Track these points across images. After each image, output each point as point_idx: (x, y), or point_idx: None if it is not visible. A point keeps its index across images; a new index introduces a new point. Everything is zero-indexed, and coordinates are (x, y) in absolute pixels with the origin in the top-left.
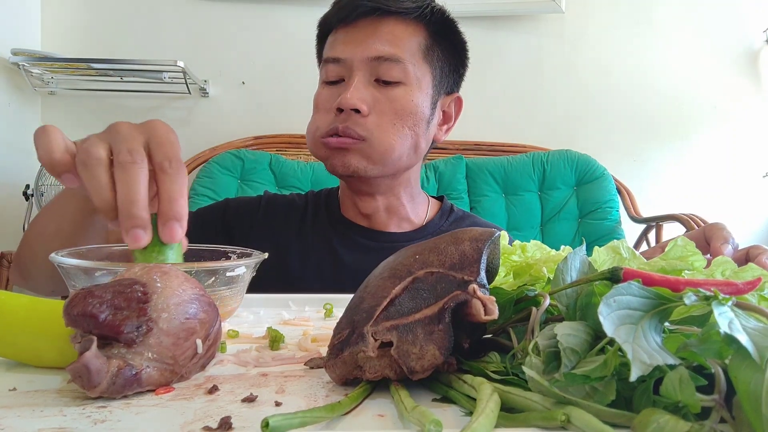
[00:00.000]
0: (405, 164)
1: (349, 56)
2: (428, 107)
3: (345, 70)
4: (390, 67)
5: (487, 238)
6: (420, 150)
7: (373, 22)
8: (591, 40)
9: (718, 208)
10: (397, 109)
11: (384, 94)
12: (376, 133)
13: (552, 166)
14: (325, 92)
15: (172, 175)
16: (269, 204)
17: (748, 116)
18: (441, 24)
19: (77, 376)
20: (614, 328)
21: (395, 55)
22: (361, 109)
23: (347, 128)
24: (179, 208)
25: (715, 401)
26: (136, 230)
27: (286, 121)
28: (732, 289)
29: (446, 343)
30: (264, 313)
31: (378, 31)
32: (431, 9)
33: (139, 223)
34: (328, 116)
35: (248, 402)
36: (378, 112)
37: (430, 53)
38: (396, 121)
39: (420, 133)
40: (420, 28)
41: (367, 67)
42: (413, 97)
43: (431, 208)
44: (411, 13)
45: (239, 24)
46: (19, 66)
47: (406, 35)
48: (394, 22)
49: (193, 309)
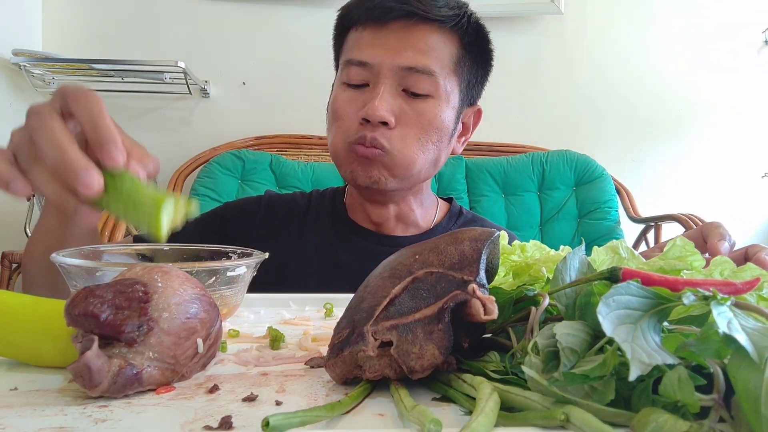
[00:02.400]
0: (423, 177)
1: (378, 62)
2: (453, 121)
3: (371, 75)
4: (420, 79)
5: (486, 238)
6: (439, 164)
7: (407, 27)
8: (590, 40)
9: (718, 208)
10: (423, 124)
11: (411, 107)
12: (399, 146)
13: (551, 166)
14: (347, 96)
15: (82, 100)
16: (270, 205)
17: (747, 116)
18: (474, 34)
19: (78, 376)
20: (613, 328)
21: (428, 68)
22: (389, 121)
23: (375, 139)
24: (105, 129)
25: (713, 401)
26: (81, 174)
27: (286, 122)
28: (731, 289)
29: (446, 343)
30: (264, 312)
31: (411, 38)
32: (468, 18)
33: (79, 164)
34: (353, 122)
35: (249, 401)
36: (403, 124)
37: (460, 65)
38: (421, 136)
39: (442, 148)
40: (455, 37)
41: (395, 76)
42: (441, 111)
43: (440, 211)
44: (448, 22)
45: (240, 24)
46: (20, 66)
47: (440, 45)
48: (428, 29)
49: (194, 308)
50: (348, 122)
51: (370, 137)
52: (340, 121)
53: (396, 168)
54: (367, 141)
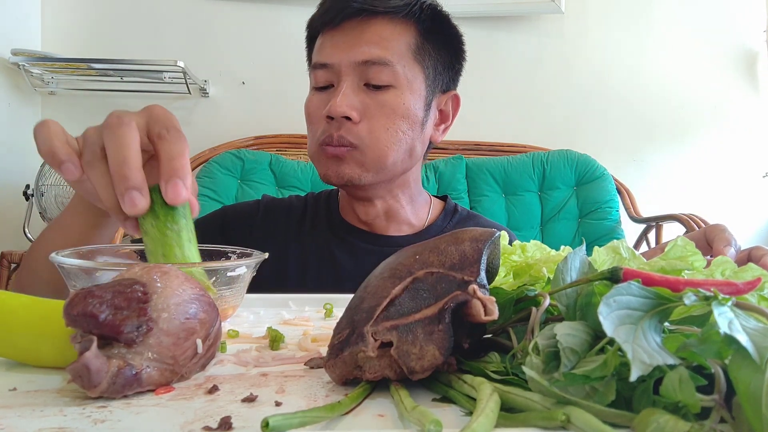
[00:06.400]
0: (400, 169)
1: (337, 61)
2: (421, 109)
3: (333, 75)
4: (379, 71)
5: (487, 238)
6: (416, 153)
7: (360, 24)
8: (590, 40)
9: (718, 208)
10: (388, 113)
11: (374, 99)
12: (368, 140)
13: (552, 166)
14: (315, 99)
15: (170, 139)
16: (267, 209)
17: (748, 116)
18: (432, 20)
19: (77, 376)
20: (614, 328)
21: (383, 58)
22: (351, 116)
23: (341, 137)
24: (180, 166)
25: (714, 401)
26: (131, 192)
27: (286, 121)
28: (732, 289)
29: (446, 344)
30: (264, 313)
31: (365, 33)
32: (420, 5)
33: (132, 183)
34: (321, 124)
35: (248, 402)
36: (369, 117)
37: (421, 52)
38: (389, 126)
39: (414, 137)
40: (410, 26)
41: (355, 72)
42: (404, 100)
43: (434, 209)
44: (398, 12)
45: (239, 24)
46: (19, 66)
47: (395, 36)
48: (381, 22)
49: (193, 309)
50: (317, 124)
51: (336, 135)
52: (311, 125)
53: (368, 162)
54: (334, 140)
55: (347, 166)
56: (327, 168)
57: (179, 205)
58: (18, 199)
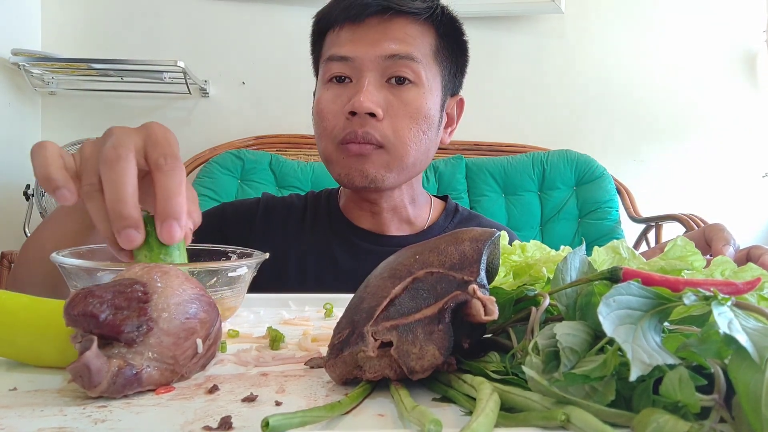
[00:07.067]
0: (418, 170)
1: (359, 55)
2: (438, 110)
3: (352, 70)
4: (404, 65)
5: (487, 238)
6: (430, 155)
7: (383, 21)
8: (591, 40)
9: (718, 208)
10: (411, 112)
11: (397, 97)
12: (393, 139)
13: (552, 166)
14: (330, 94)
15: (167, 172)
16: (267, 208)
17: (748, 116)
18: (449, 25)
19: (78, 376)
20: (614, 328)
21: (410, 53)
22: (376, 112)
23: (367, 133)
24: (176, 206)
25: (714, 401)
26: (128, 230)
27: (286, 121)
28: (731, 289)
29: (446, 343)
30: (264, 312)
31: (389, 30)
32: (441, 10)
33: (129, 222)
34: (339, 120)
35: (248, 401)
36: (392, 116)
37: (439, 55)
38: (412, 126)
39: (431, 138)
40: (430, 29)
41: (378, 68)
42: (426, 99)
43: (434, 209)
44: (422, 14)
45: (239, 24)
46: (19, 66)
47: (419, 36)
48: (404, 21)
49: (194, 309)
50: (334, 120)
51: (361, 132)
52: (326, 122)
53: (392, 161)
54: (358, 137)
55: (371, 166)
56: (348, 168)
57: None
58: (18, 199)
